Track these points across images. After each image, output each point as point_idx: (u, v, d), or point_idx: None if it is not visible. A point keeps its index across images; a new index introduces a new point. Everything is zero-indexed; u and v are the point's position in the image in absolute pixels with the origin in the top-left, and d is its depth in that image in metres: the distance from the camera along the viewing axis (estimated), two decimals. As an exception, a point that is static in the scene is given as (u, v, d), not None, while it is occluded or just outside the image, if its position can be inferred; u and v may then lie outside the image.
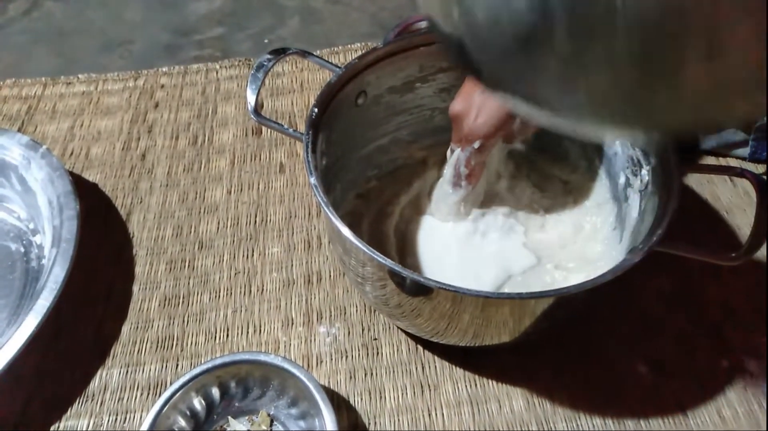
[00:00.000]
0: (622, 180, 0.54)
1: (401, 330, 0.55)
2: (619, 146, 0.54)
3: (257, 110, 0.52)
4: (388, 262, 0.42)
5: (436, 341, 0.51)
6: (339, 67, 0.54)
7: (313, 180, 0.46)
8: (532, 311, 0.45)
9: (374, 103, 0.58)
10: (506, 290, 0.52)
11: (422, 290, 0.44)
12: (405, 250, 0.55)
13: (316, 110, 0.51)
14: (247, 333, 0.56)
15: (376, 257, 0.42)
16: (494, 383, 0.52)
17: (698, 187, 0.65)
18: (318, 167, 0.49)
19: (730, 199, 0.64)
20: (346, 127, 0.56)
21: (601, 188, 0.58)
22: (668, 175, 0.47)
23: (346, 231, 0.44)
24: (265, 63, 0.53)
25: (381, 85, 0.57)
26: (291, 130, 0.53)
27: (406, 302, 0.47)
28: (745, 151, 0.66)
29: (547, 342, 0.54)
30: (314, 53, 0.57)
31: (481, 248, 0.55)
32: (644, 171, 0.50)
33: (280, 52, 0.54)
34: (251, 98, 0.52)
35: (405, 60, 0.56)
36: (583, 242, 0.56)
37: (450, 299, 0.43)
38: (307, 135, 0.49)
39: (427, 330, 0.50)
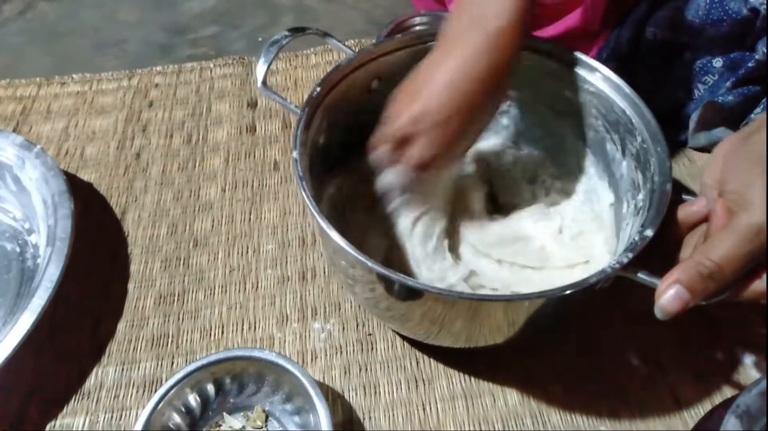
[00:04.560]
0: (624, 204, 0.53)
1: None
2: (625, 168, 0.53)
3: (265, 82, 0.53)
4: (377, 266, 0.41)
5: (429, 343, 0.51)
6: (354, 52, 0.54)
7: (295, 154, 0.47)
8: (525, 313, 0.45)
9: (389, 91, 0.57)
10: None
11: (412, 293, 0.43)
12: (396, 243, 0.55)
13: (318, 89, 0.51)
14: (242, 329, 0.56)
15: (362, 258, 0.41)
16: (489, 377, 0.52)
17: (692, 182, 0.65)
18: (307, 144, 0.48)
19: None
20: (356, 110, 0.55)
21: (609, 211, 0.56)
22: (656, 203, 0.45)
23: (330, 229, 0.43)
24: (281, 39, 0.53)
25: (399, 74, 0.56)
26: (293, 106, 0.52)
27: (396, 306, 0.47)
28: None
29: (541, 336, 0.54)
30: (310, 48, 0.57)
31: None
32: (640, 196, 0.49)
33: (298, 30, 0.55)
34: (261, 70, 0.52)
35: (427, 51, 0.56)
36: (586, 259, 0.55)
37: (441, 302, 0.43)
38: (303, 111, 0.49)
39: (420, 334, 0.50)
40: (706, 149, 0.68)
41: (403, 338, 0.55)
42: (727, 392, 0.51)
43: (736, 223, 0.38)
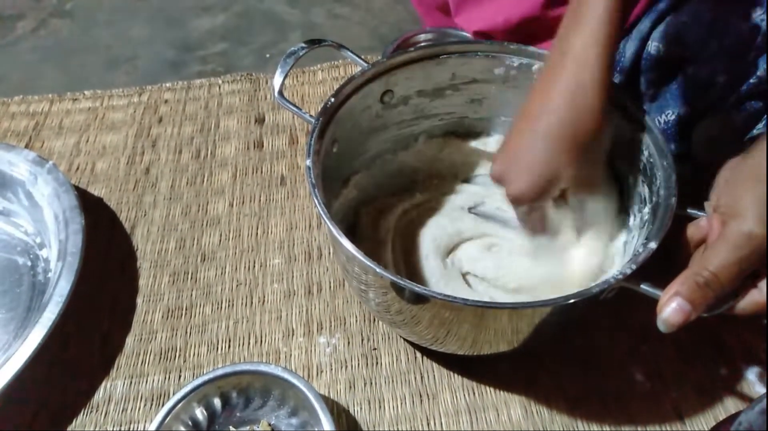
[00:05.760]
0: (631, 217, 0.54)
1: (401, 338, 0.56)
2: (632, 181, 0.53)
3: (282, 92, 0.54)
4: (387, 273, 0.42)
5: (435, 349, 0.52)
6: (368, 64, 0.55)
7: (308, 162, 0.48)
8: (529, 320, 0.46)
9: (402, 103, 0.59)
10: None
11: (421, 299, 0.45)
12: (408, 248, 0.56)
13: (332, 99, 0.52)
14: (249, 343, 0.57)
15: (372, 266, 0.43)
16: (492, 391, 0.53)
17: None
18: (320, 153, 0.50)
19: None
20: (369, 121, 0.57)
21: (619, 223, 0.56)
22: (660, 217, 0.46)
23: (341, 236, 0.44)
24: (297, 51, 0.55)
25: (410, 87, 0.58)
26: (308, 115, 0.53)
27: (407, 310, 0.47)
28: None
29: (545, 350, 0.54)
30: (317, 65, 0.58)
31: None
32: (646, 209, 0.50)
33: (314, 42, 0.56)
34: (278, 81, 0.54)
35: (437, 66, 0.57)
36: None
37: (449, 307, 0.44)
38: (317, 121, 0.51)
39: (428, 338, 0.50)
40: (709, 163, 0.68)
41: (408, 352, 0.55)
42: (730, 407, 0.51)
43: (728, 232, 0.39)
